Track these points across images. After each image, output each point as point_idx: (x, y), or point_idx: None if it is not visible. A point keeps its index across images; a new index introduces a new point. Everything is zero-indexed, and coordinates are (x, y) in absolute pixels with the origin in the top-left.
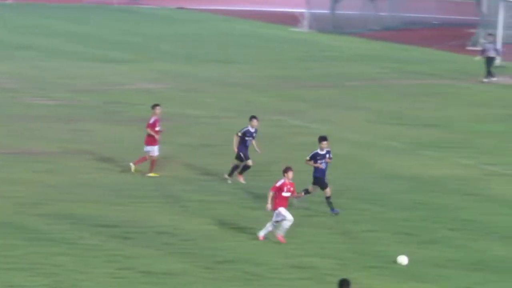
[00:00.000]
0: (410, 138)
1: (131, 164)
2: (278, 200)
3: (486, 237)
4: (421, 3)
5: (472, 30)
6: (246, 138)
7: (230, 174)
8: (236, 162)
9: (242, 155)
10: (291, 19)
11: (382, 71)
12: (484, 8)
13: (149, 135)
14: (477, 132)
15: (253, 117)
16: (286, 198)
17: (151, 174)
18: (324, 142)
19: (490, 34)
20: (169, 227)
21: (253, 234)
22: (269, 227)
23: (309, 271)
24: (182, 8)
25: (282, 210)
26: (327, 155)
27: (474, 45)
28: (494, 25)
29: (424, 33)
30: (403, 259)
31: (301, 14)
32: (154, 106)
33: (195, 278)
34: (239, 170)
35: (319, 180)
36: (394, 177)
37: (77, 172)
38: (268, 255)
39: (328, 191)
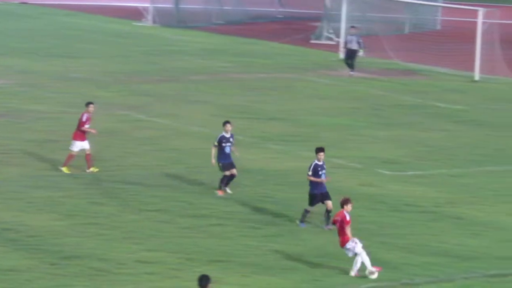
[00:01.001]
0: (256, 131)
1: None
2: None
3: (330, 230)
4: None
5: (316, 24)
6: (224, 145)
7: (223, 186)
8: (223, 173)
9: (221, 165)
10: (136, 14)
11: (227, 65)
12: (328, 1)
13: (79, 131)
14: (323, 126)
15: (226, 122)
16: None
17: (92, 169)
18: (321, 153)
19: (353, 27)
20: (14, 224)
21: (101, 229)
22: (358, 263)
23: (156, 266)
24: (25, 3)
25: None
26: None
27: (318, 38)
28: (337, 19)
29: (269, 27)
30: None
31: (145, 8)
32: (88, 104)
33: (41, 274)
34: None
35: (324, 195)
36: (241, 170)
37: None
38: (114, 250)
39: (330, 203)
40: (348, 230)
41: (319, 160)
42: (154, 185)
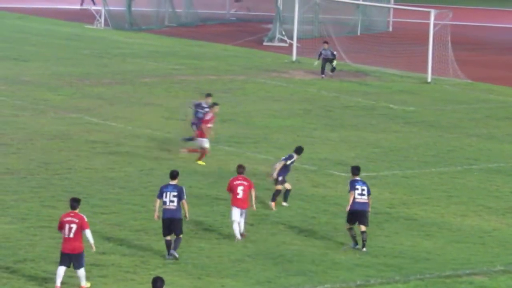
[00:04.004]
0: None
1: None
2: None
3: (284, 231)
4: None
5: (269, 26)
6: (288, 163)
7: (280, 199)
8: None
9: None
10: (87, 17)
11: (178, 67)
12: (280, 3)
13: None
14: (275, 127)
15: (299, 148)
16: None
17: (200, 162)
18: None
19: (325, 42)
20: None
21: (54, 232)
22: None
23: (110, 269)
24: None
25: None
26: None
27: (271, 40)
28: (289, 21)
29: (221, 29)
30: None
31: (97, 11)
32: (214, 105)
33: None
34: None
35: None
36: (194, 172)
37: None
38: None
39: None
40: None
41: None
42: (107, 188)
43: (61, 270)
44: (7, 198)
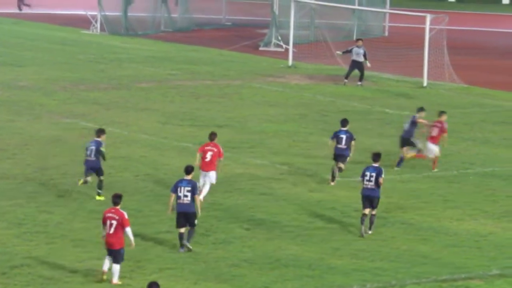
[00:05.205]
0: (203, 138)
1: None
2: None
3: (281, 236)
4: (213, 4)
5: (265, 31)
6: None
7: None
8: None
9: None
10: (83, 22)
11: (175, 72)
12: (276, 8)
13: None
14: (271, 132)
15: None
16: None
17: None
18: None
19: (360, 39)
20: None
21: (50, 237)
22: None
23: (106, 274)
24: None
25: None
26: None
27: (267, 45)
28: (286, 26)
29: (216, 34)
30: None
31: (93, 16)
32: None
33: None
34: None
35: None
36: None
37: None
38: (64, 258)
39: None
40: None
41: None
42: (103, 193)
43: (106, 259)
44: (3, 203)
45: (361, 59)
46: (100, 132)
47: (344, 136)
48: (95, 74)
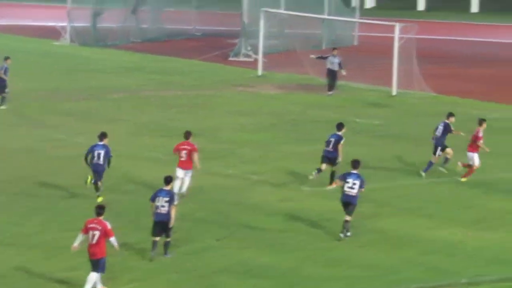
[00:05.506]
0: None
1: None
2: None
3: (254, 245)
4: (183, 14)
5: (235, 41)
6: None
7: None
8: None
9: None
10: (54, 33)
11: (145, 83)
12: (246, 18)
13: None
14: (242, 142)
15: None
16: None
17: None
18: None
19: (335, 48)
20: None
21: (22, 248)
22: None
23: (78, 285)
24: None
25: None
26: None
27: (236, 55)
28: (256, 35)
29: (187, 44)
30: None
31: (63, 28)
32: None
33: None
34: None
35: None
36: (157, 188)
37: None
38: (36, 270)
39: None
40: None
41: None
42: (74, 205)
43: (90, 276)
44: None
45: (336, 68)
46: (103, 135)
47: (332, 140)
48: (66, 85)
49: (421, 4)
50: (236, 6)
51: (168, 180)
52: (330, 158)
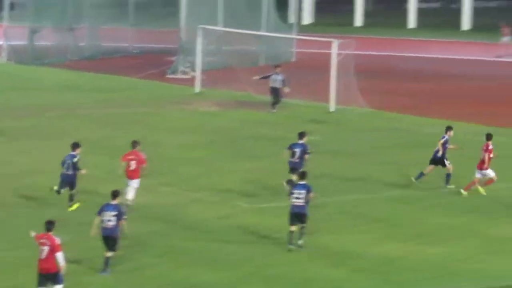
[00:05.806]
0: (111, 166)
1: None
2: None
3: (192, 263)
4: (120, 32)
5: (173, 58)
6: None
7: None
8: None
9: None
10: None
11: (82, 100)
12: (183, 35)
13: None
14: (181, 159)
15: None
16: None
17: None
18: None
19: (278, 66)
20: None
21: None
22: None
23: None
24: None
25: None
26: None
27: (174, 72)
28: (193, 52)
29: (124, 62)
30: None
31: (0, 46)
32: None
33: None
34: None
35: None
36: (96, 206)
37: None
38: None
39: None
40: None
41: None
42: (12, 223)
43: None
44: None
45: (278, 85)
46: (75, 146)
47: (298, 150)
48: (2, 103)
49: (358, 20)
50: (174, 23)
51: (116, 194)
52: (298, 168)
